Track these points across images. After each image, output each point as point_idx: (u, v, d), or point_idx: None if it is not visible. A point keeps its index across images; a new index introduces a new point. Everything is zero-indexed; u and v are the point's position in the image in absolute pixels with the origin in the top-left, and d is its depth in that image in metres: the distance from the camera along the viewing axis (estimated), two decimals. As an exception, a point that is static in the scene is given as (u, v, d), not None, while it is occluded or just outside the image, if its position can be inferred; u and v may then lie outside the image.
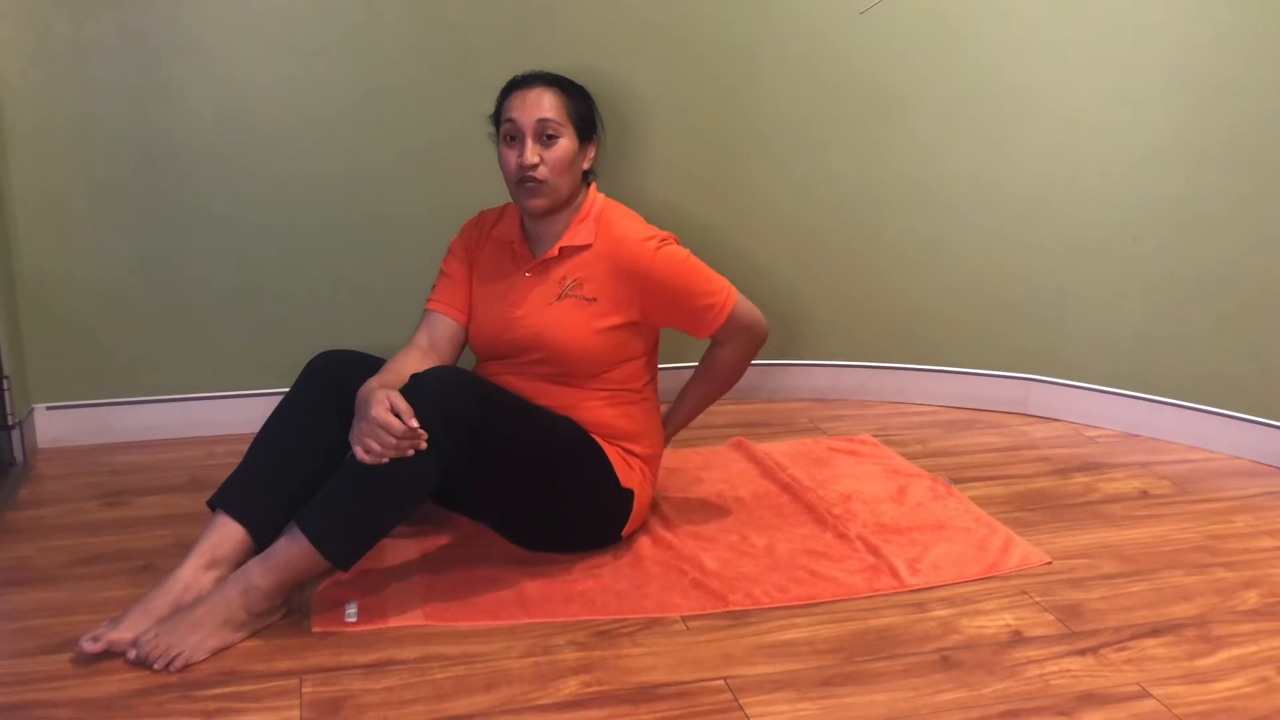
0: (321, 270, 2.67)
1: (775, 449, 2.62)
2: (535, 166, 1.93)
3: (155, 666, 1.66)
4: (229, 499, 1.85)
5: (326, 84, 2.56)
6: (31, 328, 2.52)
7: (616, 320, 1.98)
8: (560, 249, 2.00)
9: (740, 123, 2.83)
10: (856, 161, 2.87)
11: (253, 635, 1.75)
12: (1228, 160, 2.56)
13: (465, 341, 2.10)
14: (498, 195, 2.20)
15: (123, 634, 1.69)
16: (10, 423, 2.44)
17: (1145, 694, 1.67)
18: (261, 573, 1.73)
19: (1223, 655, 1.78)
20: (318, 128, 2.58)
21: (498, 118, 2.02)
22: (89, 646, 1.67)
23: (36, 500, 2.31)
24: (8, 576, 1.97)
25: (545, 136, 1.94)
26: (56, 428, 2.59)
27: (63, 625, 1.79)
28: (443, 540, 2.11)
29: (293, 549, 1.72)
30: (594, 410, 2.01)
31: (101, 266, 2.53)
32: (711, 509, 2.29)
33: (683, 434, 2.36)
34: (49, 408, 2.58)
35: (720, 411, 2.89)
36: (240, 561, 1.81)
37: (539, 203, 1.96)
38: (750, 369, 2.96)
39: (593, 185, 2.07)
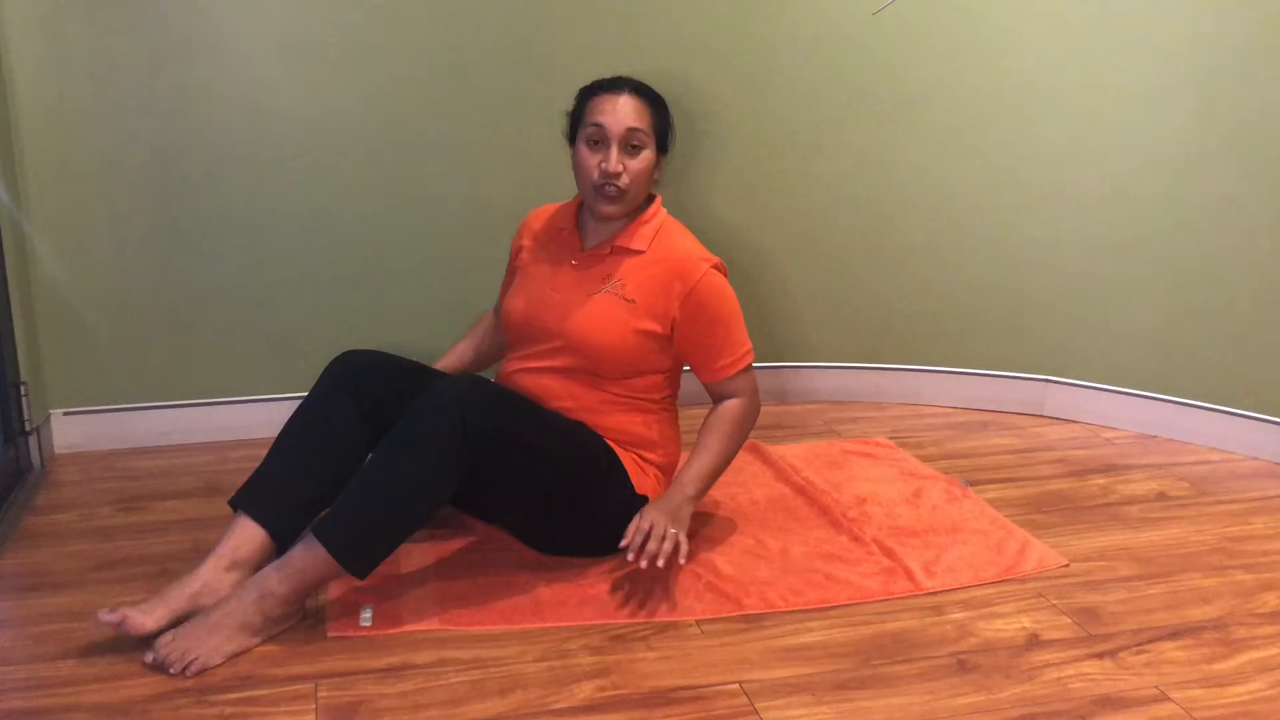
0: (338, 274, 2.67)
1: (790, 451, 2.61)
2: (619, 175, 1.94)
3: (171, 670, 1.66)
4: (250, 500, 1.87)
5: (344, 88, 2.57)
6: (48, 334, 2.54)
7: (650, 326, 1.98)
8: (613, 247, 2.01)
9: (750, 124, 2.83)
10: (870, 162, 2.87)
11: (268, 640, 1.76)
12: (1246, 160, 2.54)
13: None
14: (519, 194, 2.20)
15: (138, 617, 1.71)
16: (28, 428, 2.45)
17: (1164, 697, 1.65)
18: (279, 580, 1.74)
19: (1242, 658, 1.77)
20: (335, 132, 2.59)
21: (577, 118, 2.01)
22: (105, 616, 1.69)
23: (54, 506, 2.32)
24: (26, 581, 1.98)
25: (630, 146, 1.95)
26: (73, 433, 2.60)
27: (80, 630, 1.79)
28: (457, 545, 2.11)
29: (310, 557, 1.73)
30: (612, 414, 2.01)
31: (117, 272, 2.55)
32: (725, 512, 2.28)
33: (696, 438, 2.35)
34: (66, 413, 2.60)
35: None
36: (261, 564, 1.82)
37: (614, 209, 1.98)
38: (764, 371, 2.99)
39: (658, 199, 2.07)
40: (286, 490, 1.88)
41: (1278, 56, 2.46)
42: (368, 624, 1.81)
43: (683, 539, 1.87)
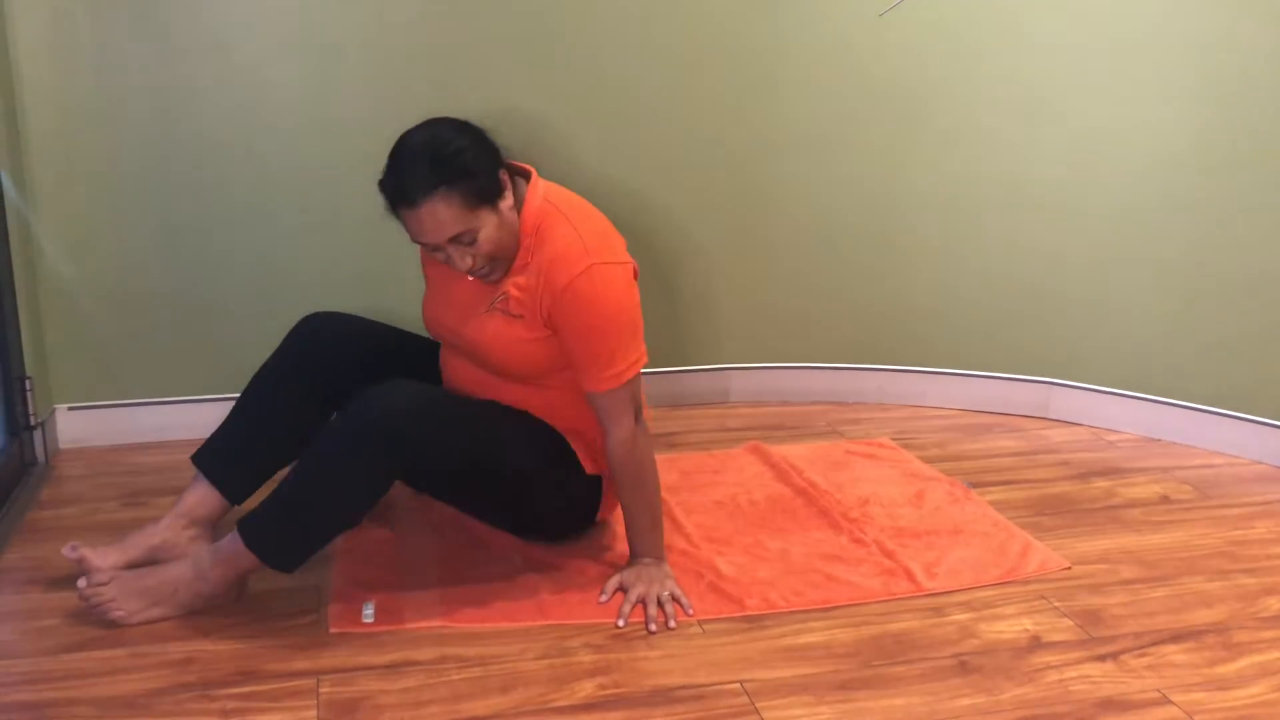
0: (341, 272, 2.67)
1: (792, 452, 2.61)
2: (470, 268, 1.82)
3: (94, 613, 1.77)
4: (206, 461, 1.97)
5: (347, 83, 2.57)
6: (53, 328, 2.54)
7: (540, 333, 1.88)
8: None
9: (758, 125, 2.82)
10: (875, 164, 2.86)
11: (272, 634, 1.77)
12: (1249, 163, 2.54)
13: None
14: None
15: (94, 559, 1.84)
16: (32, 423, 2.46)
17: (1165, 700, 1.65)
18: (211, 564, 1.81)
19: (1244, 662, 1.77)
20: (338, 128, 2.59)
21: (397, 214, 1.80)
22: (68, 553, 1.84)
23: (57, 500, 2.32)
24: (29, 575, 1.98)
25: (460, 245, 1.78)
26: (77, 428, 2.61)
27: (84, 625, 1.80)
28: (460, 542, 2.11)
29: (238, 549, 1.77)
30: (549, 401, 1.94)
31: (122, 268, 2.55)
32: (727, 513, 2.28)
33: (698, 438, 2.35)
34: (70, 408, 2.60)
35: (736, 415, 2.89)
36: (218, 522, 1.96)
37: (494, 278, 1.87)
38: (767, 371, 2.99)
39: (529, 191, 1.87)
40: (241, 452, 1.98)
41: (1284, 60, 2.46)
42: (370, 620, 1.82)
43: (677, 591, 1.89)
